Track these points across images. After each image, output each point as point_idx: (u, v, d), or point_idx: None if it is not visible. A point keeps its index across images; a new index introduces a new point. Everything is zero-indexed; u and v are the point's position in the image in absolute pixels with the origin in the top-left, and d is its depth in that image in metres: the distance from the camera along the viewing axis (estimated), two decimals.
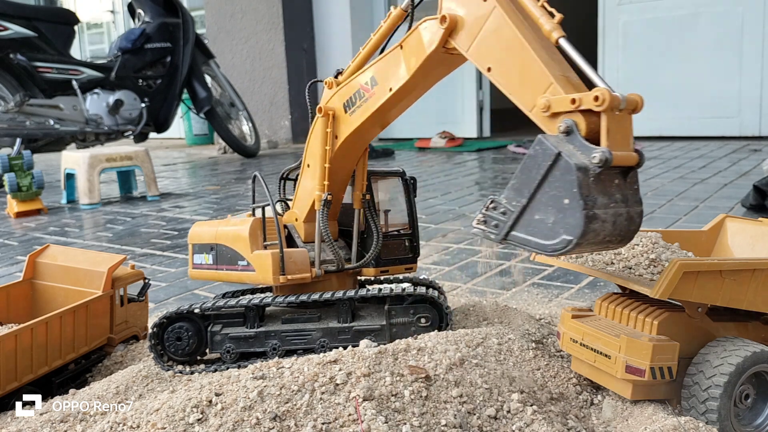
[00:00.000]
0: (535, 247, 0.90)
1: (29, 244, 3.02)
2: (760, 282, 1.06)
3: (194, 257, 1.45)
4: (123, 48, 5.48)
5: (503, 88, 0.98)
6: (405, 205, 1.45)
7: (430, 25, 1.08)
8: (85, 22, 10.22)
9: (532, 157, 0.90)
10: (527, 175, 0.90)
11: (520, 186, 0.91)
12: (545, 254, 0.90)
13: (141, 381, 1.29)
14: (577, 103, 0.88)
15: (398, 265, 1.43)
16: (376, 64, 1.20)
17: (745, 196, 2.94)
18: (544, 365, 1.21)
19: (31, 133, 4.90)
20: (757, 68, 5.32)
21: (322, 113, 1.28)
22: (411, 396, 1.02)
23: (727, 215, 1.36)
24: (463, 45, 1.03)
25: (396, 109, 1.23)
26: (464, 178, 4.35)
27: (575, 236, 0.85)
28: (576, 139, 0.88)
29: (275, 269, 1.30)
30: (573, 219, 0.85)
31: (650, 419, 1.03)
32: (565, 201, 0.86)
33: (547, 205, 0.88)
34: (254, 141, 6.41)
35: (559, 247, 0.87)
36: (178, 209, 3.78)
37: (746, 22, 5.32)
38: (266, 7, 7.10)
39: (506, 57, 0.96)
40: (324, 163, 1.30)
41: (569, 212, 0.85)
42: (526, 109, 0.95)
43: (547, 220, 0.88)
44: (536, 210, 0.90)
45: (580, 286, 1.95)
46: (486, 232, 0.96)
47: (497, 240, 0.95)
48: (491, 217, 0.95)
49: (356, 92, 1.24)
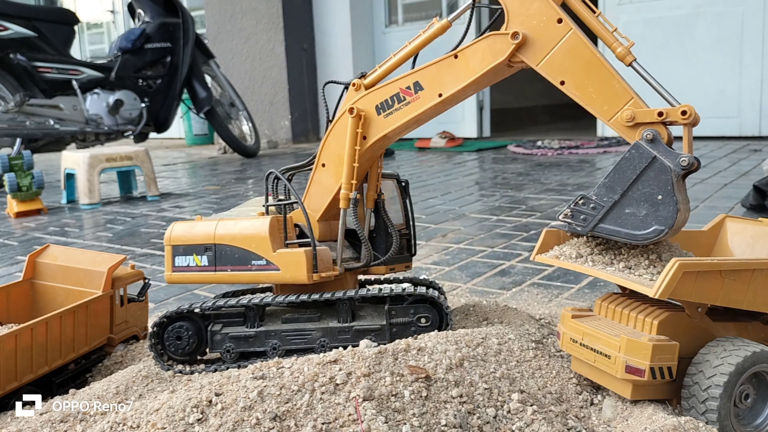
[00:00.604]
0: (625, 236, 1.06)
1: (29, 244, 3.02)
2: (760, 282, 1.06)
3: (175, 259, 1.39)
4: (123, 48, 5.48)
5: (578, 99, 1.12)
6: (400, 206, 1.49)
7: (499, 39, 1.17)
8: (85, 22, 10.22)
9: (628, 159, 1.06)
10: (621, 175, 1.06)
11: (612, 184, 1.07)
12: (635, 242, 1.05)
13: (141, 381, 1.29)
14: (664, 116, 1.05)
15: (401, 263, 1.47)
16: (423, 70, 1.25)
17: (745, 196, 2.94)
18: (544, 365, 1.21)
19: (31, 133, 4.90)
20: (757, 68, 5.32)
21: (354, 114, 1.30)
22: (411, 396, 1.02)
23: (727, 215, 1.36)
24: (533, 60, 1.15)
25: (436, 113, 1.30)
26: (464, 178, 4.35)
27: (667, 226, 1.02)
28: (660, 145, 1.05)
29: (310, 267, 1.30)
30: (666, 212, 1.03)
31: (650, 419, 1.03)
32: (659, 197, 1.03)
33: (640, 200, 1.05)
34: (254, 141, 6.41)
35: (651, 236, 1.03)
36: (178, 209, 3.78)
37: (746, 22, 5.32)
38: (266, 7, 7.10)
39: (583, 73, 1.11)
40: (353, 162, 1.32)
41: (662, 206, 1.03)
42: (604, 119, 1.10)
43: (638, 213, 1.05)
44: (627, 205, 1.06)
45: (580, 286, 1.95)
46: (573, 225, 1.11)
47: (585, 232, 1.09)
48: (579, 211, 1.10)
49: (394, 95, 1.28)
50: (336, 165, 1.35)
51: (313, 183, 1.39)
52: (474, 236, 2.67)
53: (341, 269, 1.36)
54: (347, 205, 1.33)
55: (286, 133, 7.34)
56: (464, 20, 1.31)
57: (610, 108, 1.09)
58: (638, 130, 1.07)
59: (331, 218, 1.41)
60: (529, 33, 1.15)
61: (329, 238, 1.42)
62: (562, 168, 4.52)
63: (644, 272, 1.09)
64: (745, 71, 5.35)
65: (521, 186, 3.85)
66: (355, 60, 7.18)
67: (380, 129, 1.30)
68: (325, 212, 1.39)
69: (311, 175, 1.40)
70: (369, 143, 1.32)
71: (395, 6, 7.42)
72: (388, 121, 1.29)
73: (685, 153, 1.03)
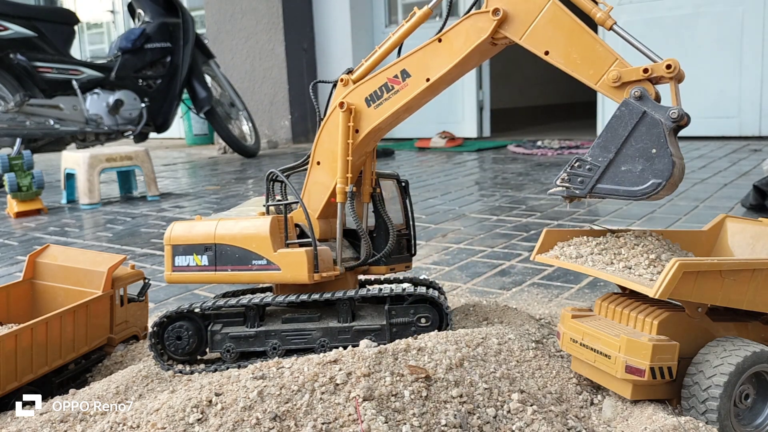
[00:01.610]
0: (623, 194, 1.05)
1: (29, 244, 3.02)
2: (760, 282, 1.06)
3: (175, 259, 1.39)
4: (123, 48, 5.48)
5: (563, 67, 1.13)
6: (400, 206, 1.50)
7: (481, 18, 1.19)
8: (85, 22, 10.22)
9: (618, 117, 1.06)
10: (613, 133, 1.06)
11: (606, 143, 1.07)
12: (634, 198, 1.05)
13: (141, 381, 1.29)
14: (650, 72, 1.06)
15: (401, 263, 1.47)
16: (408, 57, 1.27)
17: (745, 196, 2.94)
18: (544, 365, 1.21)
19: (31, 133, 4.90)
20: (757, 68, 5.31)
21: (344, 108, 1.30)
22: (411, 396, 1.02)
23: (727, 215, 1.36)
24: (515, 34, 1.17)
25: (426, 99, 1.31)
26: (464, 178, 4.35)
27: (664, 179, 1.02)
28: (649, 101, 1.05)
29: (311, 267, 1.30)
30: (661, 164, 1.02)
31: (650, 419, 1.03)
32: (653, 150, 1.03)
33: (634, 156, 1.05)
34: (254, 141, 6.41)
35: (648, 190, 1.03)
36: (178, 209, 3.78)
37: (746, 22, 5.32)
38: (266, 7, 7.10)
39: (566, 41, 1.13)
40: (346, 156, 1.33)
41: (657, 159, 1.03)
42: (591, 83, 1.11)
43: (634, 169, 1.04)
44: (623, 162, 1.06)
45: (580, 286, 1.95)
46: (571, 189, 1.10)
47: (583, 194, 1.09)
48: (576, 174, 1.10)
49: (382, 86, 1.29)
50: (330, 161, 1.36)
51: (309, 182, 1.40)
52: (474, 236, 2.67)
53: (341, 269, 1.36)
54: (344, 198, 1.33)
55: (286, 133, 7.34)
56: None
57: (596, 71, 1.10)
58: (625, 90, 1.07)
59: (330, 216, 1.41)
60: (510, 8, 1.16)
61: (330, 237, 1.42)
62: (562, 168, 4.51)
63: (644, 272, 1.09)
64: (745, 71, 5.35)
65: (521, 186, 3.85)
66: (355, 60, 7.18)
67: (371, 120, 1.31)
68: (323, 210, 1.39)
69: (307, 174, 1.40)
70: (361, 136, 1.32)
71: (395, 6, 7.42)
72: (379, 111, 1.30)
73: (674, 106, 1.04)
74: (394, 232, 1.41)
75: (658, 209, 2.97)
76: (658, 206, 3.04)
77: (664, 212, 2.91)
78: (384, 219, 1.42)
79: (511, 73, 8.88)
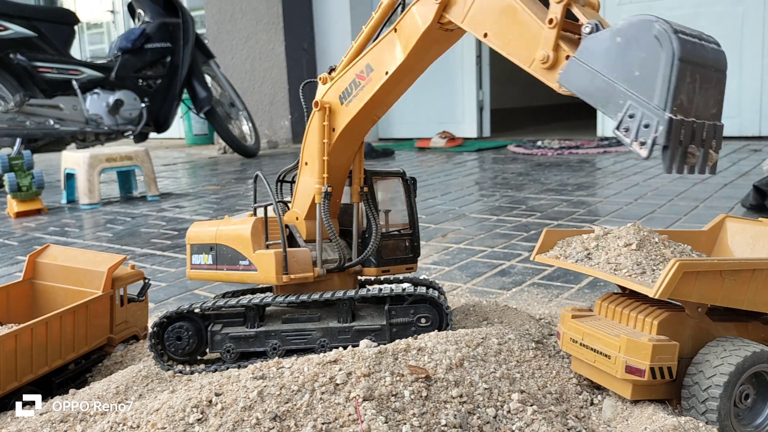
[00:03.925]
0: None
1: (29, 244, 3.02)
2: (760, 282, 1.06)
3: (192, 257, 1.44)
4: (123, 48, 5.48)
5: (501, 50, 1.04)
6: (405, 205, 1.45)
7: (425, 3, 1.13)
8: (85, 22, 10.21)
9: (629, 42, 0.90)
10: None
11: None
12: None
13: (141, 381, 1.29)
14: (554, 22, 0.95)
15: (399, 265, 1.43)
16: (370, 51, 1.23)
17: (745, 196, 2.94)
18: (544, 365, 1.21)
19: (31, 133, 4.90)
20: (757, 68, 5.32)
21: (318, 107, 1.30)
22: (411, 396, 1.02)
23: (727, 215, 1.36)
24: (458, 18, 1.09)
25: (392, 94, 1.27)
26: (464, 178, 4.35)
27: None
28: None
29: (278, 269, 1.30)
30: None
31: (650, 419, 1.03)
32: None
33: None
34: (254, 141, 6.40)
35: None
36: (178, 209, 3.78)
37: (746, 22, 5.32)
38: (266, 7, 7.10)
39: (502, 21, 1.03)
40: (323, 156, 1.32)
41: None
42: (525, 65, 1.01)
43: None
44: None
45: (580, 286, 1.95)
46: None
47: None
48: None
49: (351, 82, 1.27)
50: (316, 161, 1.35)
51: (299, 182, 1.40)
52: (474, 236, 2.67)
53: (322, 271, 1.35)
54: (320, 199, 1.33)
55: (286, 133, 7.34)
56: None
57: (530, 53, 0.99)
58: (554, 73, 0.95)
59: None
60: None
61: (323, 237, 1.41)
62: (562, 168, 4.52)
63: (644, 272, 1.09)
64: (745, 71, 5.35)
65: (521, 186, 3.85)
66: None
67: (344, 118, 1.29)
68: (310, 210, 1.39)
69: (297, 175, 1.40)
70: (337, 134, 1.31)
71: None
72: (350, 109, 1.28)
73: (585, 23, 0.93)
74: (377, 233, 1.37)
75: (658, 209, 2.98)
76: (658, 206, 3.04)
77: (664, 212, 2.91)
78: (370, 219, 1.39)
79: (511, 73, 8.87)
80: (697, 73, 0.89)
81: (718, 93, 0.93)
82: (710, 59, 0.91)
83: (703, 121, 0.90)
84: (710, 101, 0.92)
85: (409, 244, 1.45)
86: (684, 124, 0.87)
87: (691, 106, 0.89)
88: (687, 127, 0.87)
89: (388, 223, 1.44)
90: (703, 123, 0.90)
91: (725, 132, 0.96)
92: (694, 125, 0.88)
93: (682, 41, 0.86)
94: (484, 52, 6.88)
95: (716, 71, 0.92)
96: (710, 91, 0.92)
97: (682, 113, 0.87)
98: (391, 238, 1.42)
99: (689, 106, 0.89)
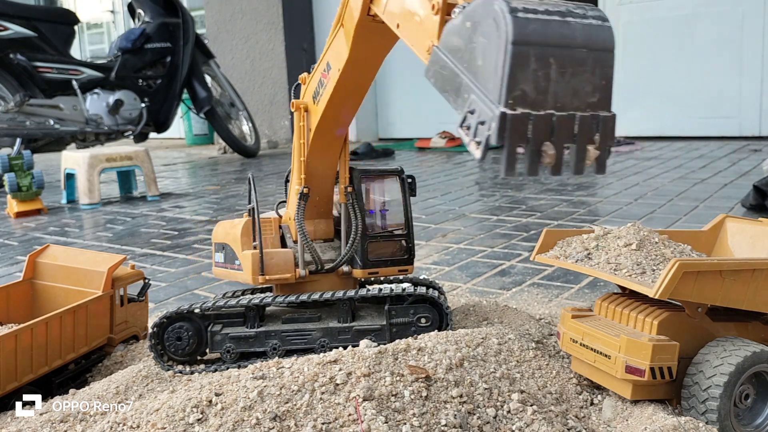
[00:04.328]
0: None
1: (29, 244, 3.02)
2: (760, 282, 1.06)
3: (215, 255, 1.47)
4: (123, 48, 5.48)
5: (407, 42, 0.95)
6: (402, 204, 1.41)
7: None
8: (85, 22, 10.21)
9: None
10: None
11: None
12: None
13: (141, 381, 1.29)
14: (435, 7, 0.86)
15: (390, 267, 1.39)
16: (329, 48, 1.21)
17: (745, 196, 2.94)
18: (544, 365, 1.21)
19: (31, 133, 4.90)
20: (757, 68, 5.31)
21: (294, 108, 1.31)
22: (411, 396, 1.02)
23: (727, 215, 1.36)
24: (379, 8, 1.02)
25: (352, 91, 1.23)
26: (464, 178, 4.35)
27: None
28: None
29: (254, 269, 1.32)
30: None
31: (650, 419, 1.03)
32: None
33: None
34: (254, 141, 6.40)
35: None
36: (178, 209, 3.78)
37: (746, 22, 5.32)
38: (266, 7, 7.10)
39: (406, 10, 0.95)
40: (300, 157, 1.32)
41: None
42: (422, 58, 0.89)
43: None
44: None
45: (580, 286, 1.95)
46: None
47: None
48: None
49: (319, 81, 1.27)
50: (295, 162, 1.36)
51: (291, 183, 1.41)
52: (474, 236, 2.67)
53: (303, 272, 1.35)
54: (296, 200, 1.34)
55: (286, 133, 7.34)
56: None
57: (423, 43, 0.88)
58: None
59: (313, 217, 1.42)
60: None
61: (314, 238, 1.42)
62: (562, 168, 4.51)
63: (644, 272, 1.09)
64: (745, 71, 5.35)
65: (521, 186, 3.85)
66: None
67: (315, 117, 1.29)
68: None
69: (291, 177, 1.41)
70: (312, 134, 1.31)
71: None
72: (319, 107, 1.27)
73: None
74: (356, 233, 1.35)
75: (658, 209, 2.98)
76: (658, 206, 3.04)
77: (664, 212, 2.91)
78: (354, 219, 1.36)
79: None
80: (552, 56, 0.74)
81: (599, 77, 0.77)
82: (577, 38, 0.75)
83: (571, 112, 0.75)
84: (584, 88, 0.76)
85: (403, 244, 1.39)
86: (532, 119, 0.73)
87: (546, 97, 0.74)
88: (538, 122, 0.74)
89: (378, 224, 1.40)
90: (573, 115, 0.75)
91: (725, 132, 0.93)
92: (554, 118, 0.74)
93: (517, 21, 0.72)
94: None
95: (591, 51, 0.76)
96: (583, 75, 0.76)
97: (526, 106, 0.73)
98: (382, 239, 1.38)
99: (541, 97, 0.74)
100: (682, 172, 4.02)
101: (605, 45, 0.77)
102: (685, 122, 5.65)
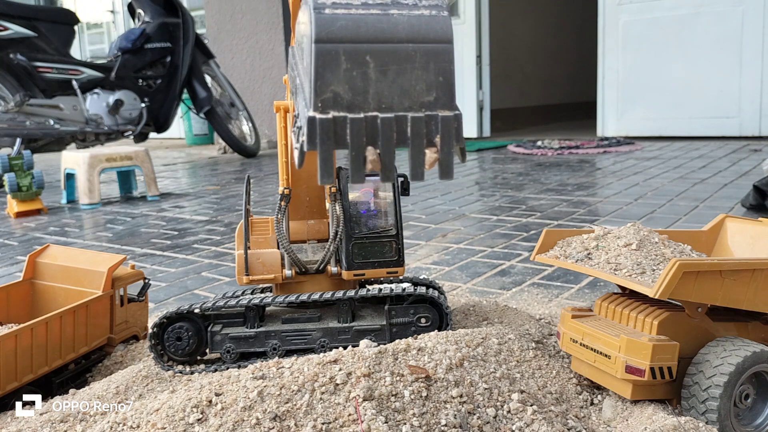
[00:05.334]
0: None
1: (29, 244, 3.02)
2: (760, 282, 1.06)
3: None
4: (123, 48, 5.48)
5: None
6: (392, 205, 1.38)
7: None
8: (85, 22, 10.22)
9: None
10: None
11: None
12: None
13: (141, 381, 1.29)
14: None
15: (378, 269, 1.35)
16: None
17: (745, 196, 2.94)
18: (544, 365, 1.21)
19: (31, 133, 4.90)
20: (758, 68, 5.32)
21: (276, 109, 1.32)
22: (411, 396, 1.02)
23: (727, 215, 1.36)
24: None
25: None
26: (464, 178, 4.35)
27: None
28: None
29: (239, 269, 1.33)
30: None
31: (650, 419, 1.03)
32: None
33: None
34: (254, 141, 6.41)
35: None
36: (178, 209, 3.78)
37: (746, 21, 5.32)
38: (266, 7, 7.10)
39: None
40: (283, 158, 1.33)
41: None
42: None
43: None
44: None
45: (580, 286, 1.95)
46: None
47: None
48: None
49: (292, 80, 1.24)
50: (280, 164, 1.36)
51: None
52: (474, 236, 2.67)
53: (290, 273, 1.35)
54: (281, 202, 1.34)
55: None
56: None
57: None
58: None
59: (305, 217, 1.42)
60: None
61: (307, 238, 1.43)
62: (562, 168, 4.52)
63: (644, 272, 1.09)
64: (745, 71, 5.35)
65: (521, 186, 3.85)
66: None
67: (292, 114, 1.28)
68: (292, 212, 1.41)
69: None
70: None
71: None
72: (294, 104, 1.25)
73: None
74: (336, 235, 1.32)
75: (658, 209, 2.97)
76: (658, 206, 3.04)
77: (664, 212, 2.91)
78: (333, 220, 1.33)
79: (511, 73, 8.87)
80: (369, 53, 0.66)
81: (434, 73, 0.69)
82: (400, 32, 0.67)
83: (401, 113, 0.68)
84: (416, 86, 0.69)
85: (393, 246, 1.36)
86: (348, 122, 0.67)
87: (365, 98, 0.67)
88: (355, 126, 0.67)
89: (365, 224, 1.36)
90: (403, 116, 0.68)
91: (725, 132, 0.94)
92: (380, 120, 0.67)
93: (320, 18, 0.65)
94: (483, 52, 6.88)
95: (420, 45, 0.68)
96: (412, 72, 0.68)
97: (341, 109, 0.67)
98: (366, 240, 1.35)
99: (360, 98, 0.67)
100: (682, 172, 4.02)
101: (439, 37, 0.68)
102: (685, 122, 5.65)
